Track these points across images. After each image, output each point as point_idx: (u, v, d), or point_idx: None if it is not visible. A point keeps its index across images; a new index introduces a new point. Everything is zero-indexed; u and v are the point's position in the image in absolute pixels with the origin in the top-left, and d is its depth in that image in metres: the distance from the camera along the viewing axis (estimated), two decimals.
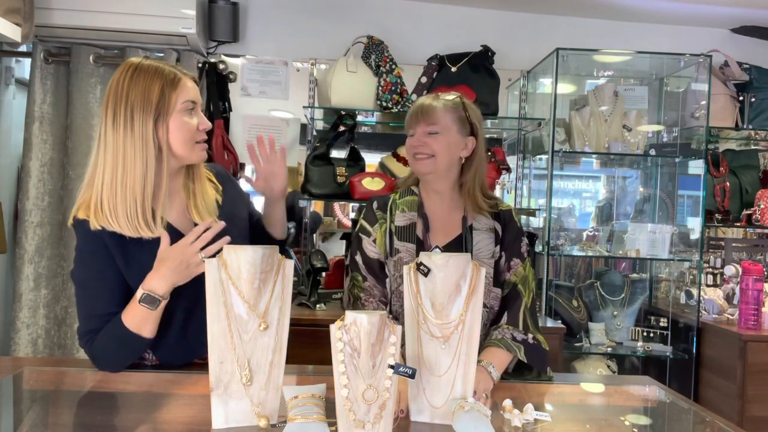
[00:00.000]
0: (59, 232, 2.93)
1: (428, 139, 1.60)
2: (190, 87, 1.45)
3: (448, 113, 1.62)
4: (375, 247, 1.66)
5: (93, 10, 2.74)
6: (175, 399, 1.34)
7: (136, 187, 1.38)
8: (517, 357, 1.51)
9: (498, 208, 1.69)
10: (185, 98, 1.42)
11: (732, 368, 2.62)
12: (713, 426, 1.34)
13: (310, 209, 3.12)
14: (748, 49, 3.28)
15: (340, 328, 1.09)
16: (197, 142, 1.47)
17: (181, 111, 1.42)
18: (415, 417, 1.25)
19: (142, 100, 1.38)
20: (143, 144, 1.38)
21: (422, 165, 1.62)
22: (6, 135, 3.04)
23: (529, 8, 3.23)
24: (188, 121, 1.44)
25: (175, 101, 1.41)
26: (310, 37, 3.17)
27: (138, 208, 1.38)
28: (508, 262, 1.64)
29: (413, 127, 1.64)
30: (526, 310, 1.60)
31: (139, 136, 1.38)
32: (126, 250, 1.42)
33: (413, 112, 1.65)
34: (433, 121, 1.61)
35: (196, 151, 1.47)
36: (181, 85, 1.42)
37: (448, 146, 1.61)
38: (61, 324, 2.92)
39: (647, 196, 3.37)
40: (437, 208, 1.68)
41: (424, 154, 1.61)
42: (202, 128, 1.47)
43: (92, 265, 1.42)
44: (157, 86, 1.39)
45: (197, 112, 1.47)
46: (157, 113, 1.39)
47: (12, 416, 1.26)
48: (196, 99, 1.46)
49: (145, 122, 1.38)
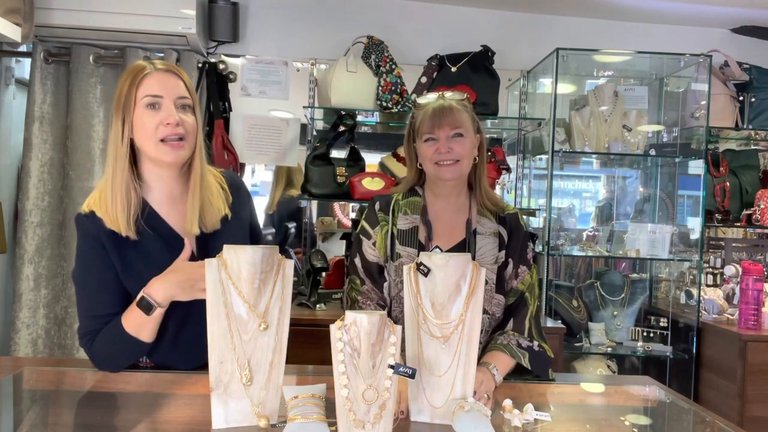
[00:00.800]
0: (59, 232, 2.93)
1: (453, 143, 1.53)
2: (154, 81, 1.36)
3: (466, 113, 1.57)
4: (375, 251, 1.64)
5: (93, 10, 2.74)
6: (175, 399, 1.34)
7: (115, 186, 1.37)
8: (520, 363, 1.51)
9: (504, 212, 1.66)
10: (144, 93, 1.35)
11: (732, 368, 2.62)
12: (713, 426, 1.34)
13: (310, 209, 3.12)
14: (748, 49, 3.28)
15: (340, 328, 1.09)
16: (163, 140, 1.36)
17: (142, 107, 1.36)
18: (415, 417, 1.25)
19: (117, 99, 1.37)
20: (116, 143, 1.37)
21: (449, 171, 1.55)
22: (6, 135, 3.04)
23: (529, 8, 3.23)
24: (147, 116, 1.35)
25: (135, 97, 1.36)
26: (310, 37, 3.17)
27: (118, 206, 1.36)
28: (516, 269, 1.62)
29: (434, 131, 1.54)
30: (531, 317, 1.59)
31: (115, 136, 1.38)
32: (122, 251, 1.41)
33: (434, 114, 1.55)
34: (458, 123, 1.54)
35: (162, 150, 1.36)
36: (141, 79, 1.36)
37: (471, 149, 1.57)
38: (61, 324, 2.92)
39: (647, 196, 3.37)
40: (441, 212, 1.64)
41: (450, 160, 1.54)
42: (166, 123, 1.35)
43: (91, 265, 1.41)
44: (126, 84, 1.37)
45: (165, 107, 1.36)
46: (124, 112, 1.36)
47: (12, 416, 1.26)
48: (162, 92, 1.36)
49: (116, 122, 1.37)
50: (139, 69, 1.38)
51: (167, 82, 1.38)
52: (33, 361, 2.03)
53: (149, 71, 1.37)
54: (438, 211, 1.64)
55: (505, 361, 1.48)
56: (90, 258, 1.41)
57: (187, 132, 1.39)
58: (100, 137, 2.94)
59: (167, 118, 1.35)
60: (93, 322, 1.41)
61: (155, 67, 1.39)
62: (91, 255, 1.41)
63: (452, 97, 1.59)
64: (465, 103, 1.60)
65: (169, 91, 1.37)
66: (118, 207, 1.37)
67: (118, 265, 1.40)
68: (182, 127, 1.37)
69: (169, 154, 1.37)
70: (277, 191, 3.20)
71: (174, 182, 1.45)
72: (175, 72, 1.41)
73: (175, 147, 1.37)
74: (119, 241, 1.39)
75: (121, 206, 1.37)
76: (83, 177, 2.90)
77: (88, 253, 1.41)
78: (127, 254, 1.41)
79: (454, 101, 1.57)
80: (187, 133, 1.39)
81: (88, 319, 1.42)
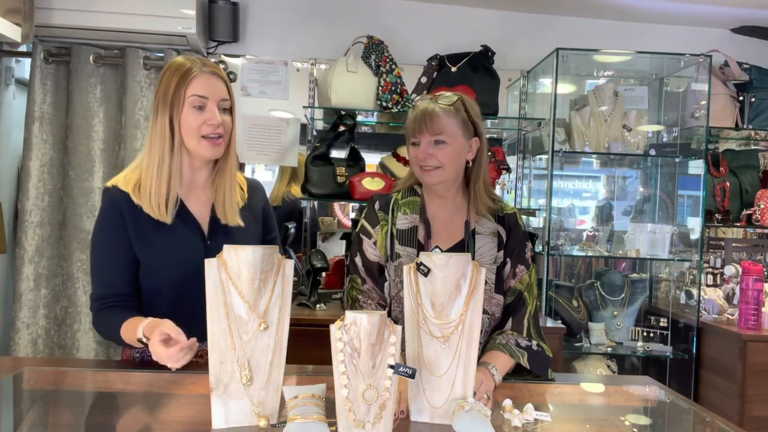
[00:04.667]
0: (59, 232, 2.93)
1: (434, 150, 1.53)
2: (201, 83, 1.48)
3: (452, 118, 1.55)
4: (375, 250, 1.64)
5: (93, 10, 2.74)
6: (175, 399, 1.34)
7: (154, 175, 1.48)
8: (519, 363, 1.51)
9: (503, 212, 1.65)
10: (192, 93, 1.47)
11: (732, 368, 2.62)
12: (713, 426, 1.34)
13: (310, 209, 3.12)
14: (748, 49, 3.28)
15: (340, 328, 1.09)
16: (204, 137, 1.49)
17: (188, 106, 1.48)
18: (415, 417, 1.25)
19: (162, 96, 1.48)
20: (161, 137, 1.49)
21: (430, 176, 1.56)
22: (6, 135, 3.04)
23: (529, 8, 3.23)
24: (192, 116, 1.48)
25: (184, 96, 1.47)
26: (310, 37, 3.17)
27: (155, 193, 1.48)
28: (514, 269, 1.62)
29: (416, 135, 1.55)
30: (530, 317, 1.58)
31: (159, 130, 1.49)
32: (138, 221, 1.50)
33: (415, 119, 1.55)
34: (438, 129, 1.53)
35: (203, 146, 1.50)
36: (190, 80, 1.47)
37: (456, 155, 1.55)
38: (61, 324, 2.92)
39: (647, 196, 3.37)
40: (440, 212, 1.64)
41: (430, 166, 1.54)
42: (209, 123, 1.48)
43: (106, 231, 1.52)
44: (173, 83, 1.48)
45: (209, 108, 1.49)
46: (172, 106, 1.48)
47: (12, 416, 1.26)
48: (207, 94, 1.48)
49: (163, 118, 1.48)
50: (187, 69, 1.48)
51: (213, 85, 1.50)
52: (33, 361, 2.03)
53: (196, 73, 1.48)
54: (436, 210, 1.64)
55: (504, 361, 1.48)
56: (108, 224, 1.52)
57: (225, 131, 1.53)
58: (100, 137, 2.94)
59: (211, 119, 1.49)
60: (102, 286, 1.52)
61: (201, 68, 1.49)
62: (109, 221, 1.52)
63: (442, 100, 1.56)
64: (456, 106, 1.55)
65: (214, 93, 1.50)
66: (162, 198, 1.49)
67: (132, 232, 1.50)
68: (222, 127, 1.51)
69: (208, 150, 1.51)
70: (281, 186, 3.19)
71: (199, 172, 1.58)
72: (219, 75, 1.53)
73: (215, 144, 1.51)
74: (137, 212, 1.50)
75: (164, 197, 1.49)
76: (83, 177, 2.89)
77: (106, 220, 1.52)
78: (143, 224, 1.51)
79: (441, 105, 1.54)
80: (225, 132, 1.53)
81: (98, 282, 1.53)
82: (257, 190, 1.70)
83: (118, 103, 2.95)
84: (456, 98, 1.57)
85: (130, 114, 2.89)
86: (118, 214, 1.51)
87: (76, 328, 2.88)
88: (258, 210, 1.67)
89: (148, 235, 1.51)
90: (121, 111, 2.93)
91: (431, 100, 1.57)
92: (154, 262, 1.52)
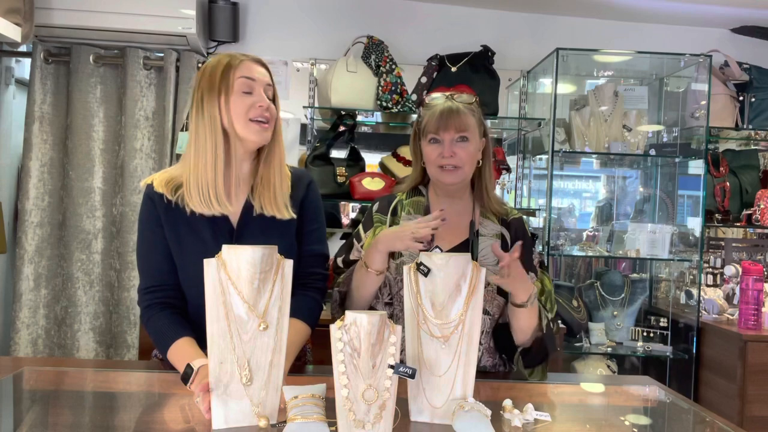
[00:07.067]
0: (59, 232, 2.93)
1: (457, 147, 1.52)
2: (249, 65, 1.47)
3: (473, 117, 1.55)
4: (361, 253, 1.62)
5: (93, 10, 2.74)
6: (175, 399, 1.34)
7: (207, 167, 1.45)
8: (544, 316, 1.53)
9: (509, 216, 1.65)
10: (240, 74, 1.45)
11: (732, 368, 2.62)
12: (713, 426, 1.34)
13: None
14: (748, 49, 3.28)
15: (340, 328, 1.09)
16: (252, 120, 1.45)
17: (237, 89, 1.45)
18: (415, 417, 1.25)
19: (209, 83, 1.46)
20: (212, 125, 1.45)
21: (450, 176, 1.54)
22: (6, 135, 3.04)
23: (529, 8, 3.23)
24: (239, 100, 1.45)
25: (233, 79, 1.45)
26: (310, 37, 3.17)
27: (209, 186, 1.45)
28: None
29: (439, 132, 1.53)
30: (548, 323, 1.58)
31: (208, 118, 1.45)
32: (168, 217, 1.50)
33: (441, 116, 1.52)
34: (464, 126, 1.52)
35: (251, 129, 1.46)
36: (237, 65, 1.46)
37: (474, 154, 1.56)
38: (61, 324, 2.92)
39: (647, 196, 3.37)
40: (445, 212, 1.65)
41: (452, 165, 1.53)
42: (258, 105, 1.45)
43: (146, 228, 1.53)
44: (220, 69, 1.46)
45: (257, 92, 1.46)
46: (220, 92, 1.45)
47: (12, 416, 1.26)
48: (255, 76, 1.46)
49: (211, 103, 1.45)
50: (232, 56, 1.48)
51: (258, 70, 1.49)
52: (33, 361, 2.03)
53: (242, 59, 1.47)
54: None
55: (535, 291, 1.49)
56: (146, 220, 1.53)
57: (272, 116, 1.49)
58: (100, 137, 2.94)
59: (259, 101, 1.46)
60: (148, 278, 1.53)
61: (244, 56, 1.49)
62: (147, 218, 1.53)
63: (461, 99, 1.56)
64: (473, 106, 1.57)
65: (260, 77, 1.48)
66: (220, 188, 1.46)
67: (165, 225, 1.50)
68: (269, 112, 1.48)
69: (257, 134, 1.47)
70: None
71: (245, 163, 1.53)
72: (262, 63, 1.51)
73: (263, 127, 1.47)
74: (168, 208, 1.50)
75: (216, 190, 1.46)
76: (83, 177, 2.90)
77: (145, 216, 1.53)
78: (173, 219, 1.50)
79: (463, 104, 1.55)
80: (272, 117, 1.49)
81: (143, 273, 1.54)
82: (300, 180, 1.62)
83: (118, 103, 2.95)
84: (474, 99, 1.59)
85: (130, 114, 2.89)
86: (153, 208, 1.51)
87: (76, 328, 2.88)
88: (297, 200, 1.59)
89: (178, 230, 1.50)
90: (121, 111, 2.93)
91: (449, 98, 1.57)
92: (178, 257, 1.51)
